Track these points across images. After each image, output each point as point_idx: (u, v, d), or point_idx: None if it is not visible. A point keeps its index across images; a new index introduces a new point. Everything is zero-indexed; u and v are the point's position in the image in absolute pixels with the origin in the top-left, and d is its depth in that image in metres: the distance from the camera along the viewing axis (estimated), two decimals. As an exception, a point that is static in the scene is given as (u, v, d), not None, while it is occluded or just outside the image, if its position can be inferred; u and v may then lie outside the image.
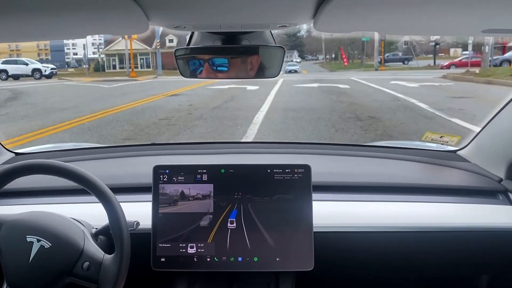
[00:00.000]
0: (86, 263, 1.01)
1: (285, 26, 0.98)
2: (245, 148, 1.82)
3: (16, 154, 1.65)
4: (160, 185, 1.21)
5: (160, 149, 1.77)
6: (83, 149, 1.78)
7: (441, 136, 1.67)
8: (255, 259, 1.19)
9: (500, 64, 21.77)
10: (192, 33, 1.14)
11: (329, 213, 1.30)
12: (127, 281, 1.03)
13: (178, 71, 1.15)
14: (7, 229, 1.05)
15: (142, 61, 41.77)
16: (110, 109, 9.77)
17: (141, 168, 1.53)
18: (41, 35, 1.07)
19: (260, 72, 1.16)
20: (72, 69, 39.86)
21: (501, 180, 1.43)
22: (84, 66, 35.98)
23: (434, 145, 1.73)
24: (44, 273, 1.00)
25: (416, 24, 0.94)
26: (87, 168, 1.08)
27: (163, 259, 1.19)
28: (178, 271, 1.24)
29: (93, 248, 1.05)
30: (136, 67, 38.08)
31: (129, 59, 31.39)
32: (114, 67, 40.56)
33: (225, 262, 1.19)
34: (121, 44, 36.67)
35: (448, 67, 26.79)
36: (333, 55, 51.55)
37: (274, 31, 1.13)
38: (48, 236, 1.02)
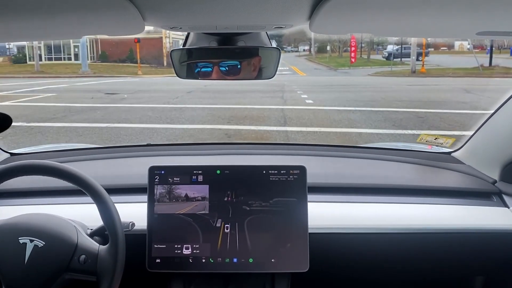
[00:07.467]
0: (83, 256, 1.02)
1: (281, 27, 0.98)
2: (241, 149, 1.82)
3: (12, 154, 1.64)
4: (155, 186, 1.21)
5: (155, 150, 1.76)
6: (78, 150, 1.77)
7: (436, 138, 1.68)
8: (250, 260, 1.19)
9: None
10: (188, 34, 1.14)
11: (324, 214, 1.30)
12: (123, 282, 1.03)
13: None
14: None
15: (77, 49, 29.53)
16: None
17: (136, 169, 1.52)
18: (36, 36, 1.07)
19: (258, 74, 1.17)
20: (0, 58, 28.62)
21: (495, 182, 1.44)
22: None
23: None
24: (42, 272, 1.00)
25: (410, 26, 0.95)
26: (83, 168, 1.08)
27: (158, 260, 1.19)
28: (174, 272, 1.23)
29: (87, 241, 1.06)
30: (70, 58, 30.05)
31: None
32: (40, 57, 27.50)
33: (220, 263, 1.19)
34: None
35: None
36: (328, 47, 36.82)
37: (270, 32, 1.14)
38: (41, 235, 1.02)
